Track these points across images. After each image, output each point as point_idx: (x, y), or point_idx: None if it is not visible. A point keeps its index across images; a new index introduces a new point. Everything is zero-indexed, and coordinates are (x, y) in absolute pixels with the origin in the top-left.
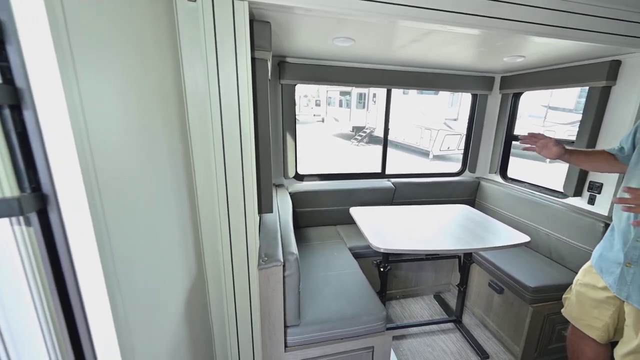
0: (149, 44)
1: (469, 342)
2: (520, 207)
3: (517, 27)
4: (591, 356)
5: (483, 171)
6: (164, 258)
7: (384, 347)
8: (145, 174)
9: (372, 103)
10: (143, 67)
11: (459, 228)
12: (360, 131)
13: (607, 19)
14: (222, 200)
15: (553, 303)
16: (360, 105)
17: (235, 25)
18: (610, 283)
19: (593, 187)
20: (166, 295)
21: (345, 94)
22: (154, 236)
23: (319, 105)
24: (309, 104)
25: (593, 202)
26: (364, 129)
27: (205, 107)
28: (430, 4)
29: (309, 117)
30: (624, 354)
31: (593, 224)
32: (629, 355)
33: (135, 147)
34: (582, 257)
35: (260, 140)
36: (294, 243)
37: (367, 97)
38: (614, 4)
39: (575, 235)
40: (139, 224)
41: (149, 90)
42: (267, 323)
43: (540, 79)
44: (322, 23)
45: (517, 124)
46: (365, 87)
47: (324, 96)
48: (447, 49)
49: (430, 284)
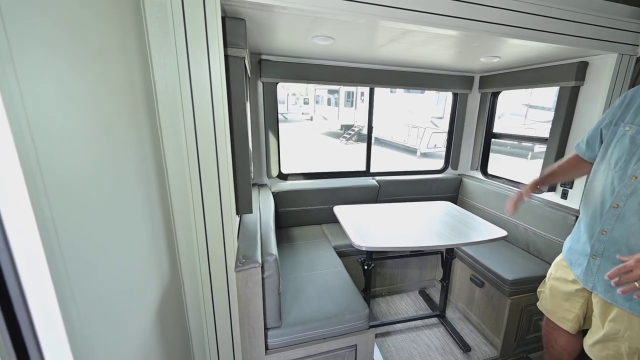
0: (110, 41)
1: (452, 336)
2: (499, 203)
3: (491, 29)
4: (564, 345)
5: (465, 168)
6: (130, 262)
7: (367, 344)
8: (108, 173)
9: (360, 101)
10: (102, 65)
11: (441, 224)
12: (348, 129)
13: (574, 22)
14: (197, 202)
15: (530, 295)
16: (348, 103)
17: (206, 22)
18: (578, 275)
19: (565, 183)
20: (134, 302)
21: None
22: (117, 239)
23: (308, 103)
24: (298, 102)
25: (566, 196)
26: (353, 127)
27: (177, 104)
28: (406, 4)
29: (297, 116)
30: (592, 343)
31: (565, 217)
32: (597, 345)
33: (94, 146)
34: (556, 249)
35: (237, 140)
36: (274, 243)
37: (355, 96)
38: (580, 8)
39: (550, 229)
40: (98, 227)
41: (111, 87)
42: (246, 326)
43: (516, 78)
44: (299, 21)
45: (500, 122)
46: (347, 86)
47: (312, 94)
48: (425, 49)
49: (415, 280)
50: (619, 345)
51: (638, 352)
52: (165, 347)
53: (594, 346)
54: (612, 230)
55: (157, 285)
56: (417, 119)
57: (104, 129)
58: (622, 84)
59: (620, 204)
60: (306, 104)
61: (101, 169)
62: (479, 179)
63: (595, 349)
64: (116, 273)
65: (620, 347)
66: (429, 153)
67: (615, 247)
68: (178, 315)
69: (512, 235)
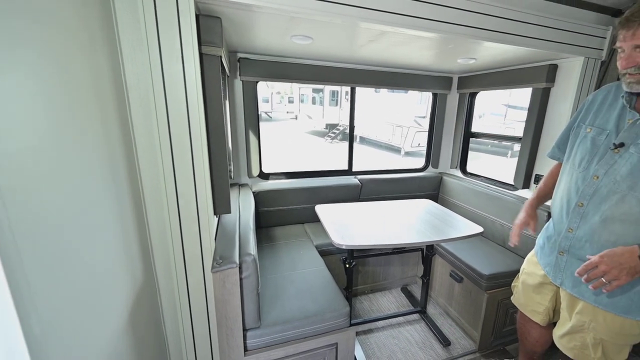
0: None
1: (433, 331)
2: (477, 200)
3: (466, 32)
4: (536, 337)
5: (445, 166)
6: (98, 264)
7: (348, 342)
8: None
9: (345, 100)
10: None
11: (420, 222)
12: (333, 128)
13: (544, 27)
14: (171, 202)
15: (505, 289)
16: (333, 102)
17: (179, 19)
18: (548, 270)
19: (538, 180)
20: (103, 305)
21: (318, 91)
22: (83, 240)
23: (292, 102)
24: (282, 100)
25: None
26: (337, 126)
27: (149, 103)
28: (382, 6)
29: (282, 115)
30: (560, 335)
31: (540, 215)
32: (565, 336)
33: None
34: (531, 244)
35: (214, 139)
36: (253, 243)
37: (339, 95)
38: (549, 14)
39: None
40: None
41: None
42: (224, 327)
43: (492, 80)
44: (276, 20)
45: (481, 122)
46: (328, 85)
47: (297, 93)
48: (403, 49)
49: (397, 278)
50: (584, 337)
51: (602, 342)
52: (138, 351)
53: (562, 338)
54: (578, 228)
55: (128, 288)
56: (401, 118)
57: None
58: (589, 86)
59: (584, 202)
60: (291, 103)
61: (62, 166)
62: (459, 177)
63: (563, 341)
64: (82, 276)
65: (586, 338)
66: (413, 152)
67: (580, 244)
68: (153, 319)
69: (489, 231)
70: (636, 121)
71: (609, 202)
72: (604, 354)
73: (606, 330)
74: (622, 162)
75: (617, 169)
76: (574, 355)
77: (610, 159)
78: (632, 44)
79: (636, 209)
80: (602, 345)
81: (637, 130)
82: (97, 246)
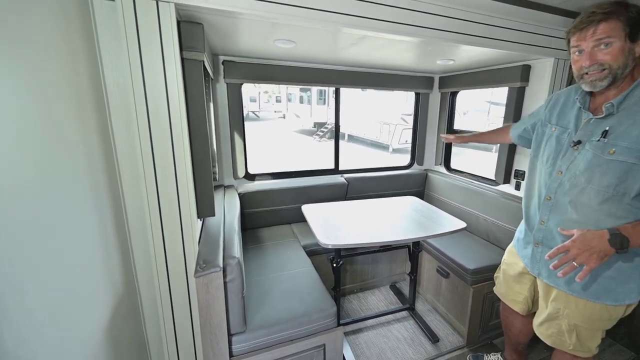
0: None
1: (422, 328)
2: (461, 196)
3: (442, 36)
4: (519, 327)
5: (430, 163)
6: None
7: (336, 343)
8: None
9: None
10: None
11: (406, 219)
12: (321, 127)
13: (516, 30)
14: (153, 207)
15: (490, 282)
16: (321, 101)
17: (161, 26)
18: (526, 262)
19: (518, 175)
20: (81, 315)
21: (306, 90)
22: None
23: (280, 101)
24: (270, 100)
25: (519, 187)
26: (326, 124)
27: (130, 108)
28: (361, 12)
29: (270, 114)
30: (539, 324)
31: (519, 208)
32: (543, 324)
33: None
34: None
35: (196, 142)
36: (237, 246)
37: (327, 94)
38: (521, 18)
39: (506, 219)
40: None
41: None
42: (208, 333)
43: (471, 79)
44: (258, 26)
45: (465, 119)
46: (312, 86)
47: (284, 92)
48: (385, 52)
49: (386, 275)
50: (560, 323)
51: (576, 328)
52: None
53: (541, 326)
54: (548, 221)
55: (108, 296)
56: (389, 115)
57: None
58: (560, 85)
59: (552, 196)
60: (278, 102)
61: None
62: (443, 174)
63: (542, 329)
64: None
65: (561, 325)
66: (401, 149)
67: (552, 235)
68: (134, 327)
69: (473, 226)
70: (590, 120)
71: (571, 194)
72: (578, 339)
73: (579, 316)
74: (580, 158)
75: (577, 165)
76: (551, 342)
77: (571, 155)
78: (592, 42)
79: (594, 200)
80: (576, 331)
81: (591, 128)
82: (74, 254)
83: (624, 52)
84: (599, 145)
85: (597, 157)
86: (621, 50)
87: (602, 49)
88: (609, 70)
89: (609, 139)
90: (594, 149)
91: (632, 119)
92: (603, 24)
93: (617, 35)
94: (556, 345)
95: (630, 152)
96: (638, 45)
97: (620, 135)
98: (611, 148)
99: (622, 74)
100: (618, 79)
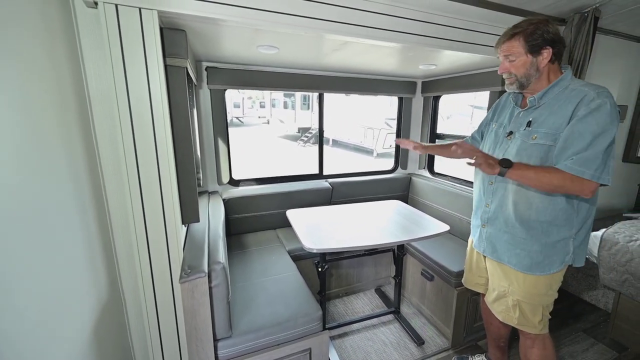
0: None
1: (407, 331)
2: (445, 199)
3: (422, 41)
4: (498, 323)
5: (413, 167)
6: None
7: (321, 347)
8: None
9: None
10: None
11: (390, 222)
12: (306, 132)
13: (497, 36)
14: (137, 213)
15: None
16: (305, 106)
17: (143, 33)
18: (475, 242)
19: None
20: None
21: (290, 95)
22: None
23: (264, 107)
24: (254, 105)
25: None
26: (310, 129)
27: (114, 115)
28: (342, 18)
29: (254, 119)
30: (491, 301)
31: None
32: (495, 302)
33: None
34: None
35: (180, 148)
36: (222, 251)
37: (311, 99)
38: (502, 24)
39: None
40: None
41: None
42: (194, 339)
43: (453, 84)
44: (241, 32)
45: (449, 122)
46: (296, 92)
47: (268, 98)
48: (367, 57)
49: (371, 279)
50: (507, 300)
51: (519, 304)
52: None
53: (494, 303)
54: (492, 203)
55: (92, 303)
56: (372, 120)
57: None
58: None
59: (493, 181)
60: (262, 108)
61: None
62: (427, 177)
63: (495, 305)
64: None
65: (508, 302)
66: (385, 153)
67: (495, 216)
68: (118, 334)
69: (457, 228)
70: (519, 114)
71: (507, 179)
72: (522, 314)
73: (519, 290)
74: (512, 146)
75: (510, 151)
76: (502, 318)
77: (505, 144)
78: (502, 56)
79: None
80: (520, 306)
81: (520, 121)
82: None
83: (525, 65)
84: (525, 133)
85: (524, 143)
86: (523, 63)
87: (509, 61)
88: (515, 78)
89: (533, 127)
90: (522, 137)
91: (549, 110)
92: (507, 43)
93: (518, 52)
94: (506, 320)
95: (547, 136)
96: (541, 57)
97: (541, 124)
98: (534, 134)
99: (527, 81)
100: (525, 85)
